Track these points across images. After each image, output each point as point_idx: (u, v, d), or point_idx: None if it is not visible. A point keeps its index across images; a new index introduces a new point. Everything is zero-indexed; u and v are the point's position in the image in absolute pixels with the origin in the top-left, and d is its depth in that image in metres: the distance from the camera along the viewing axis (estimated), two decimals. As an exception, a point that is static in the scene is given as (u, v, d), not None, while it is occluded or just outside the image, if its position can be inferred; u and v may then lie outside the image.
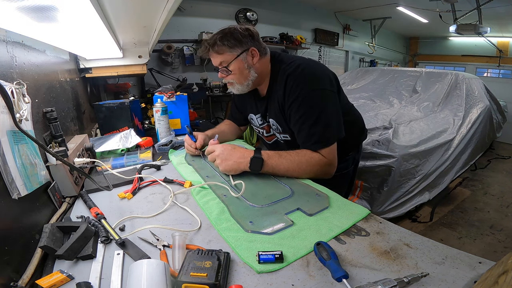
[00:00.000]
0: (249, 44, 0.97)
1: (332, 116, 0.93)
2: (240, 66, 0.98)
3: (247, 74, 1.00)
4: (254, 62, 0.99)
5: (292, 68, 0.96)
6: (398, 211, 2.17)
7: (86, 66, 1.44)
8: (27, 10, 0.52)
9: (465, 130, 2.54)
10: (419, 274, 0.47)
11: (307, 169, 0.90)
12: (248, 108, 1.22)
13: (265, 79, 1.05)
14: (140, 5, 0.72)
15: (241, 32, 0.96)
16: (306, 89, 0.92)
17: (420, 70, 3.41)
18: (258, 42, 1.00)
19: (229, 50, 0.96)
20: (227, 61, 0.98)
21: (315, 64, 1.01)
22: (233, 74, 1.00)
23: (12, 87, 0.60)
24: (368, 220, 0.67)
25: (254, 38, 0.98)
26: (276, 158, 0.90)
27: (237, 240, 0.59)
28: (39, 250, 0.54)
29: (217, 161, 0.90)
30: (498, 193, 2.96)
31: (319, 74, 0.96)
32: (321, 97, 0.93)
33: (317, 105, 0.92)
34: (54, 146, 0.81)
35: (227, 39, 0.95)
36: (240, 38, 0.95)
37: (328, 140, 0.92)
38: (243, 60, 0.98)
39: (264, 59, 1.02)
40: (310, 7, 4.86)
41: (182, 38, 3.62)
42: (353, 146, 1.24)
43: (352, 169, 1.28)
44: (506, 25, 4.92)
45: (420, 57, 7.40)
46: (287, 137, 1.08)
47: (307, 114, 0.92)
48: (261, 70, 1.02)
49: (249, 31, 0.98)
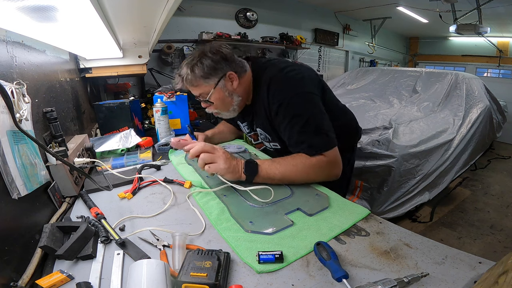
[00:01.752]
0: (224, 69, 0.89)
1: (321, 119, 0.87)
2: (220, 95, 0.92)
3: (230, 101, 0.95)
4: (234, 87, 0.92)
5: (273, 73, 0.90)
6: (398, 211, 2.17)
7: (86, 66, 1.44)
8: (27, 10, 0.52)
9: (465, 130, 2.54)
10: (419, 274, 0.47)
11: (305, 172, 0.82)
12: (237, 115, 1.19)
13: (250, 95, 0.99)
14: (140, 5, 0.72)
15: (213, 57, 0.88)
16: (289, 93, 0.85)
17: (420, 70, 3.41)
18: (234, 63, 0.92)
19: (204, 82, 0.90)
20: (206, 92, 0.92)
21: (297, 67, 0.94)
22: (215, 104, 0.95)
23: (12, 87, 0.60)
24: (368, 220, 0.67)
25: (228, 60, 0.90)
26: (269, 163, 0.83)
27: (237, 240, 0.59)
28: (39, 250, 0.54)
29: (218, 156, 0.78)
30: (498, 193, 2.96)
31: (300, 77, 0.89)
32: (306, 100, 0.86)
33: (303, 110, 0.85)
34: (54, 146, 0.81)
35: (199, 69, 0.87)
36: (213, 66, 0.88)
37: (326, 144, 0.85)
38: (222, 89, 0.91)
39: (244, 77, 0.95)
40: (310, 7, 4.85)
41: (182, 38, 3.62)
42: (348, 147, 1.20)
43: (348, 169, 1.25)
44: (506, 25, 4.92)
45: (420, 57, 7.40)
46: (277, 145, 1.05)
47: (294, 120, 0.85)
48: (243, 91, 0.96)
49: (221, 54, 0.89)
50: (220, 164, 0.76)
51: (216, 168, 0.77)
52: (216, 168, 0.77)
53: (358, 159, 2.16)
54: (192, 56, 0.91)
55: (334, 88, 3.86)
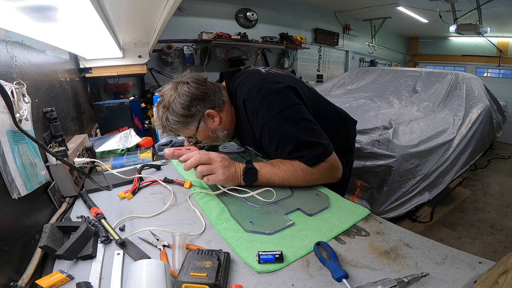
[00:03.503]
0: (201, 110, 0.84)
1: (310, 130, 0.81)
2: (205, 135, 0.90)
3: (216, 137, 0.92)
4: (217, 123, 0.88)
5: (244, 94, 0.84)
6: (398, 211, 2.17)
7: (86, 66, 1.44)
8: (27, 10, 0.52)
9: (465, 130, 2.54)
10: (419, 274, 0.47)
11: (306, 177, 0.80)
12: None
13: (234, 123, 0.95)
14: (140, 5, 0.72)
15: (183, 103, 0.82)
16: (266, 116, 0.80)
17: (420, 70, 3.41)
18: (209, 98, 0.85)
19: (184, 128, 0.87)
20: (190, 135, 0.90)
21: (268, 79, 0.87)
22: (204, 141, 0.95)
23: (12, 87, 0.60)
24: (368, 220, 0.67)
25: (202, 98, 0.84)
26: (269, 167, 0.80)
27: (237, 240, 0.59)
28: (39, 250, 0.54)
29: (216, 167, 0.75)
30: (498, 193, 2.96)
31: (273, 92, 0.81)
32: (287, 118, 0.80)
33: (287, 129, 0.79)
34: (54, 146, 0.80)
35: (173, 119, 0.83)
36: (185, 113, 0.83)
37: (321, 155, 0.80)
38: (205, 129, 0.88)
39: (225, 108, 0.89)
40: (310, 7, 4.85)
41: (182, 38, 3.61)
42: (345, 148, 1.15)
43: (347, 170, 1.23)
44: (506, 25, 4.92)
45: (420, 57, 7.40)
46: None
47: (282, 143, 0.80)
48: (228, 123, 0.92)
49: (190, 95, 0.82)
50: (219, 175, 0.74)
51: (215, 180, 0.75)
52: (214, 180, 0.75)
53: (358, 159, 2.16)
54: (162, 103, 0.85)
55: (334, 88, 3.86)
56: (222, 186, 0.77)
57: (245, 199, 0.75)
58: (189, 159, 0.75)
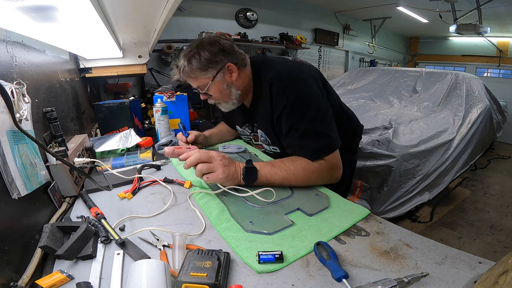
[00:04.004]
0: (223, 61, 0.87)
1: (323, 122, 0.85)
2: (219, 87, 0.91)
3: (229, 93, 0.93)
4: (234, 79, 0.90)
5: (274, 73, 0.88)
6: (398, 211, 2.17)
7: (86, 66, 1.44)
8: (27, 10, 0.52)
9: (465, 130, 2.54)
10: (419, 274, 0.47)
11: (306, 177, 0.81)
12: (234, 119, 1.18)
13: (249, 92, 0.98)
14: (140, 5, 0.72)
15: (210, 49, 0.86)
16: (292, 96, 0.83)
17: (420, 70, 3.41)
18: (234, 55, 0.90)
19: (202, 74, 0.88)
20: (204, 84, 0.90)
21: (297, 66, 0.93)
22: (214, 96, 0.94)
23: (12, 87, 0.60)
24: (368, 220, 0.67)
25: (227, 52, 0.88)
26: (269, 167, 0.81)
27: (237, 240, 0.59)
28: (39, 250, 0.54)
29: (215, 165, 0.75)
30: (498, 193, 2.96)
31: (302, 77, 0.87)
32: (309, 103, 0.83)
33: (306, 113, 0.83)
34: (54, 146, 0.80)
35: (196, 61, 0.86)
36: (211, 58, 0.86)
37: (325, 148, 0.83)
38: (221, 81, 0.89)
39: (245, 71, 0.93)
40: (310, 7, 4.85)
41: (182, 38, 3.62)
42: (349, 148, 1.17)
43: (349, 171, 1.24)
44: (506, 25, 4.92)
45: (420, 57, 7.40)
46: (277, 149, 1.03)
47: (296, 124, 0.84)
48: (243, 85, 0.94)
49: (219, 45, 0.87)
50: (219, 174, 0.74)
51: (215, 178, 0.75)
52: (214, 178, 0.75)
53: (358, 159, 2.16)
54: (190, 47, 0.89)
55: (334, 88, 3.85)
56: (222, 185, 0.77)
57: (245, 199, 0.75)
58: (189, 157, 0.76)
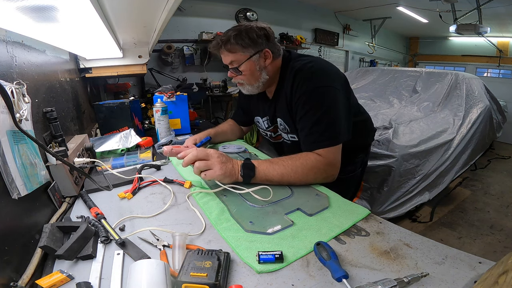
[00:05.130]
0: (263, 45, 0.93)
1: (338, 115, 0.87)
2: (251, 67, 0.95)
3: (258, 76, 0.97)
4: (266, 64, 0.96)
5: (300, 65, 0.92)
6: (398, 211, 2.17)
7: (86, 66, 1.44)
8: (27, 10, 0.52)
9: (465, 130, 2.54)
10: (419, 274, 0.47)
11: (304, 173, 0.81)
12: (255, 110, 1.19)
13: (275, 81, 1.02)
14: (140, 5, 0.72)
15: (257, 32, 0.92)
16: (313, 85, 0.87)
17: (420, 70, 3.41)
18: (273, 43, 0.96)
19: (242, 50, 0.93)
20: (238, 61, 0.94)
21: (325, 63, 0.98)
22: (244, 75, 0.97)
23: (12, 87, 0.60)
24: (368, 220, 0.67)
25: (269, 39, 0.94)
26: (267, 164, 0.82)
27: (237, 240, 0.59)
28: (39, 250, 0.54)
29: (213, 162, 0.76)
30: (498, 193, 2.96)
31: (328, 71, 0.92)
32: (328, 94, 0.87)
33: (323, 103, 0.86)
34: (54, 146, 0.80)
35: (241, 38, 0.91)
36: (255, 38, 0.92)
37: (330, 140, 0.85)
38: (255, 62, 0.94)
39: (277, 60, 0.99)
40: (310, 7, 4.85)
41: (182, 38, 3.62)
42: (363, 147, 1.19)
43: (360, 171, 1.25)
44: (506, 25, 4.92)
45: (420, 57, 7.40)
46: (295, 137, 1.04)
47: (311, 112, 0.87)
48: (272, 72, 0.99)
49: (265, 31, 0.94)
50: (216, 171, 0.76)
51: (212, 175, 0.76)
52: (212, 175, 0.76)
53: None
54: (238, 26, 0.95)
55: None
56: (221, 183, 0.78)
57: (245, 199, 0.75)
58: (187, 155, 0.77)
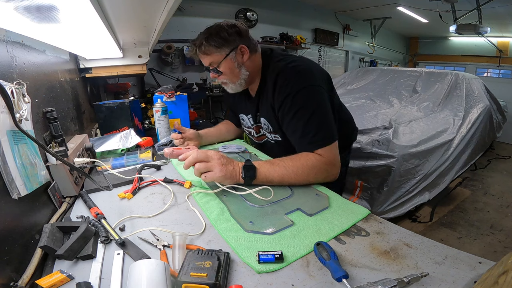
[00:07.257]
0: (237, 42, 0.94)
1: (328, 114, 0.89)
2: (230, 65, 0.96)
3: (238, 73, 0.98)
4: (244, 60, 0.96)
5: (283, 64, 0.92)
6: (398, 211, 2.17)
7: (86, 66, 1.44)
8: (27, 10, 0.52)
9: (465, 130, 2.54)
10: (419, 274, 0.46)
11: (305, 173, 0.81)
12: (239, 108, 1.20)
13: (256, 77, 1.02)
14: (140, 5, 0.72)
15: (228, 30, 0.92)
16: (297, 86, 0.87)
17: (420, 70, 3.41)
18: (248, 38, 0.97)
19: (216, 51, 0.93)
20: (216, 61, 0.95)
21: (308, 61, 0.98)
22: (224, 74, 0.98)
23: (12, 87, 0.60)
24: (368, 220, 0.67)
25: (242, 35, 0.95)
26: (268, 165, 0.82)
27: (237, 240, 0.59)
28: (39, 250, 0.54)
29: (213, 164, 0.76)
30: (498, 193, 2.96)
31: (310, 70, 0.92)
32: (315, 94, 0.88)
33: (310, 103, 0.87)
34: (54, 146, 0.80)
35: (213, 39, 0.92)
36: (227, 37, 0.92)
37: (326, 139, 0.86)
38: (233, 60, 0.95)
39: (255, 56, 0.99)
40: (310, 7, 4.86)
41: (182, 38, 3.62)
42: (344, 147, 1.16)
43: (344, 170, 1.25)
44: (506, 25, 4.92)
45: (420, 57, 7.40)
46: (278, 137, 1.05)
47: (300, 113, 0.87)
48: (252, 68, 0.99)
49: (236, 28, 0.94)
50: (216, 173, 0.75)
51: (213, 177, 0.75)
52: (212, 177, 0.75)
53: (358, 159, 2.17)
54: (209, 27, 0.96)
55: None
56: (221, 184, 0.78)
57: (245, 199, 0.75)
58: (187, 157, 0.77)
